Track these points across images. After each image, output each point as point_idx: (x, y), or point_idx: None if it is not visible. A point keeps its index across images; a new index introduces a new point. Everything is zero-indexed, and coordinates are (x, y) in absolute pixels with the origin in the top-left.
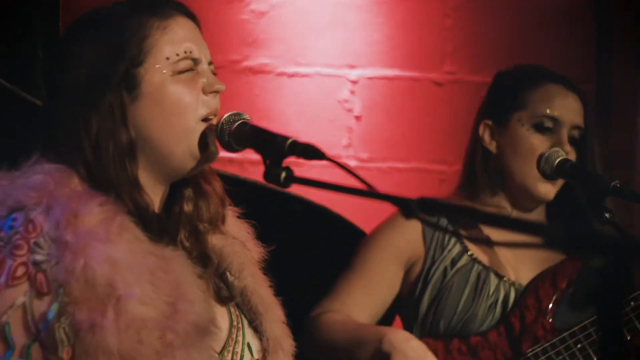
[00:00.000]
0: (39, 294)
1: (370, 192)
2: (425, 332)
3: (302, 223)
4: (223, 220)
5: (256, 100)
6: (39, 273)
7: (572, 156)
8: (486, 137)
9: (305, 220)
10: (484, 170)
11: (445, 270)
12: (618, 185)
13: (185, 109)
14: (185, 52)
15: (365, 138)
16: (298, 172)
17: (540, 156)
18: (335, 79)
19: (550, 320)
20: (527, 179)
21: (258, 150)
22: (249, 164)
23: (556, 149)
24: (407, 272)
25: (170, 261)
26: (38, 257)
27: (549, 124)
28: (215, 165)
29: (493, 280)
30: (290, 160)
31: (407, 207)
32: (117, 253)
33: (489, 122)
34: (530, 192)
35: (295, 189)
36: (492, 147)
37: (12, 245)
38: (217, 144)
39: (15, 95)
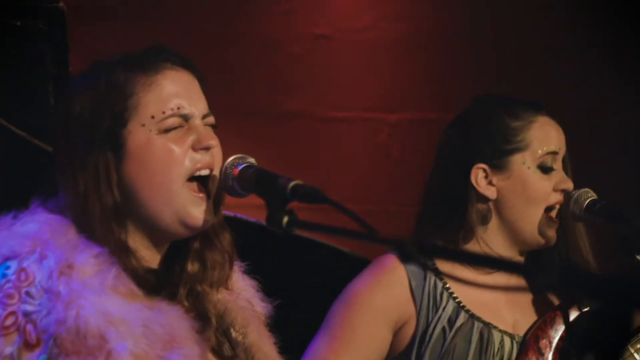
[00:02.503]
0: (28, 346)
1: (371, 236)
2: None
3: (327, 269)
4: (227, 280)
5: (292, 146)
6: (29, 324)
7: (571, 185)
8: (482, 182)
9: (332, 266)
10: (476, 217)
11: (444, 332)
12: None
13: (170, 168)
14: (173, 109)
15: (404, 182)
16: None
17: (570, 197)
18: (373, 123)
19: None
20: (534, 224)
21: (261, 194)
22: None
23: (585, 189)
24: (397, 333)
25: (166, 315)
26: (28, 307)
27: (551, 161)
28: (240, 211)
29: (496, 336)
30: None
31: (405, 252)
32: (111, 305)
33: (484, 167)
34: (537, 237)
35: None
36: (490, 192)
37: (4, 293)
38: (209, 208)
39: (26, 141)
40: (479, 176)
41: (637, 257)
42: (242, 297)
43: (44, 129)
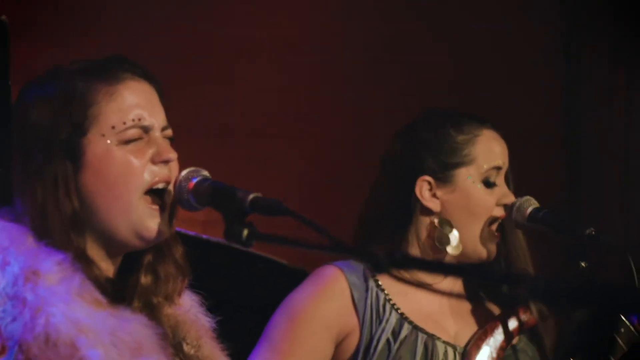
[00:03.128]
0: None
1: (338, 248)
2: None
3: (266, 282)
4: (180, 294)
5: (221, 161)
6: None
7: (513, 199)
8: (426, 194)
9: (270, 279)
10: (419, 229)
11: (388, 344)
12: (593, 232)
13: (129, 180)
14: (134, 120)
15: (337, 194)
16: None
17: (512, 205)
18: (303, 135)
19: None
20: (476, 238)
21: (218, 208)
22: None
23: (527, 197)
24: (339, 345)
25: (132, 323)
26: None
27: (494, 176)
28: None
29: (440, 347)
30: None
31: (377, 263)
32: (79, 313)
33: (429, 179)
34: (478, 251)
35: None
36: (434, 205)
37: None
38: (164, 220)
39: None
40: (423, 188)
41: (582, 264)
42: (192, 311)
43: None
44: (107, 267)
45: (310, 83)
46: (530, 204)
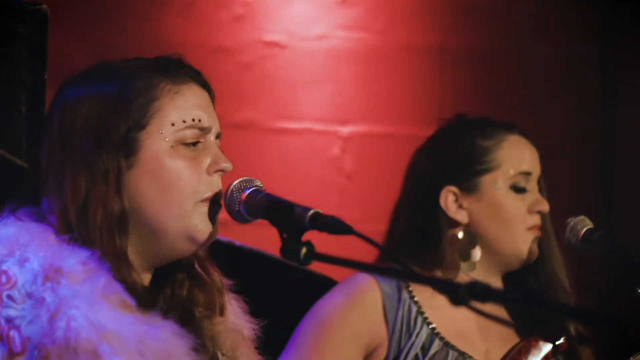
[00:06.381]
0: (11, 355)
1: (408, 274)
2: None
3: (300, 294)
4: (222, 311)
5: (241, 158)
6: (12, 330)
7: (547, 206)
8: (452, 206)
9: (304, 290)
10: (450, 243)
11: None
12: None
13: (184, 189)
14: (194, 120)
15: (357, 198)
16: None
17: (565, 225)
18: (325, 135)
19: None
20: (514, 244)
21: (273, 222)
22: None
23: (582, 217)
24: (367, 357)
25: (162, 329)
26: (11, 312)
27: (523, 182)
28: None
29: None
30: None
31: (456, 294)
32: (103, 317)
33: (454, 189)
34: (518, 255)
35: None
36: (461, 216)
37: None
38: (214, 223)
39: None
40: (448, 200)
41: (638, 290)
42: (230, 319)
43: (11, 139)
44: (142, 277)
45: None
46: (585, 224)
